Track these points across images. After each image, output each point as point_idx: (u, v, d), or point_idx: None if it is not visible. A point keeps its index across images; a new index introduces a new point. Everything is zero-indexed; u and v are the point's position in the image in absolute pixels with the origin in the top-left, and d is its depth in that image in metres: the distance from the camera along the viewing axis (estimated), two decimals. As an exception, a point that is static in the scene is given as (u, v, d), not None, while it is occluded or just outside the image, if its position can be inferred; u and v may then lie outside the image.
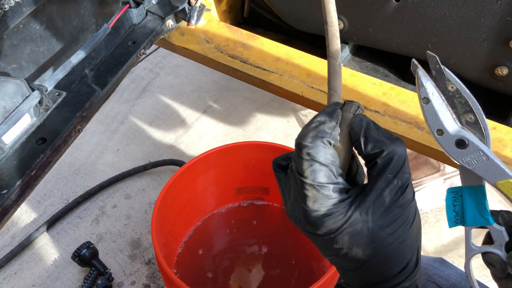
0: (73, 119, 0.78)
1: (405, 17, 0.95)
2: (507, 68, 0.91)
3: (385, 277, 0.43)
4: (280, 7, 1.12)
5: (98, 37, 0.77)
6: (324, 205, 0.41)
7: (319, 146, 0.41)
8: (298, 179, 0.42)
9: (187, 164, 0.98)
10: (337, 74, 0.73)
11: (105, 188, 1.57)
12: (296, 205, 0.43)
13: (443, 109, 0.48)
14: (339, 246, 0.42)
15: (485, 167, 0.47)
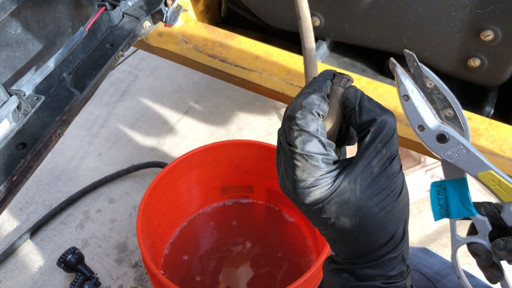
0: (52, 123, 0.78)
1: (379, 12, 0.97)
2: (479, 59, 0.94)
3: (372, 248, 0.44)
4: (257, 6, 1.13)
5: (75, 41, 0.76)
6: (313, 175, 0.41)
7: (309, 117, 0.42)
8: (287, 150, 0.43)
9: (170, 165, 0.98)
10: (313, 63, 0.74)
11: (88, 193, 1.55)
12: (286, 175, 0.43)
13: (422, 105, 0.49)
14: (326, 215, 0.42)
15: (466, 159, 0.48)
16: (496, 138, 0.90)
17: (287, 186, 0.43)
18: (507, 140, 0.89)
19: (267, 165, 1.12)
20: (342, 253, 0.47)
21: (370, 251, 0.44)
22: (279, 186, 0.48)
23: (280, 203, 1.21)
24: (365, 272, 0.44)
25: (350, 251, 0.45)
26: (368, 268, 0.44)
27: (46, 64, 0.73)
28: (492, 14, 0.86)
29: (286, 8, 1.10)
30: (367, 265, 0.44)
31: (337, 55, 1.16)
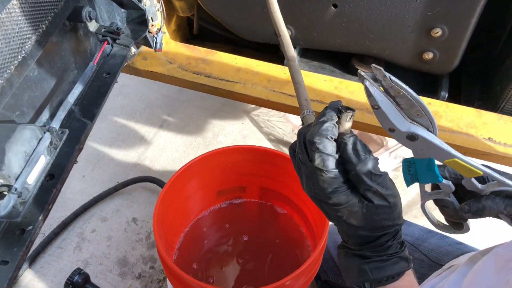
0: (73, 153, 0.85)
1: (343, 20, 1.10)
2: (431, 52, 1.09)
3: (374, 239, 0.58)
4: (231, 23, 1.23)
5: (88, 75, 0.84)
6: (332, 185, 0.55)
7: (325, 141, 0.54)
8: (310, 166, 0.55)
9: (176, 173, 1.06)
10: (297, 72, 0.86)
11: (80, 215, 1.60)
12: (310, 183, 0.56)
13: (392, 111, 0.57)
14: (340, 214, 0.56)
15: (434, 151, 0.58)
16: (453, 118, 1.06)
17: (312, 190, 0.57)
18: (462, 119, 1.05)
19: (258, 166, 1.23)
20: (353, 243, 0.60)
21: (374, 240, 0.58)
22: (302, 189, 0.61)
23: (271, 199, 1.32)
24: (372, 254, 0.58)
25: (359, 241, 0.59)
26: (373, 252, 0.58)
27: (66, 100, 0.80)
28: (438, 14, 1.01)
29: (258, 23, 1.21)
30: (372, 250, 0.58)
31: (307, 60, 1.29)
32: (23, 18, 0.65)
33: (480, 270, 0.69)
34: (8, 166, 0.64)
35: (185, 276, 0.89)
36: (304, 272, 0.98)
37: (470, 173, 0.59)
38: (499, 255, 0.67)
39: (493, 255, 0.69)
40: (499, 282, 0.63)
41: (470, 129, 1.03)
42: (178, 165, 1.79)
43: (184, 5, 1.32)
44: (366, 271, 0.57)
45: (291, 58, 0.82)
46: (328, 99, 1.11)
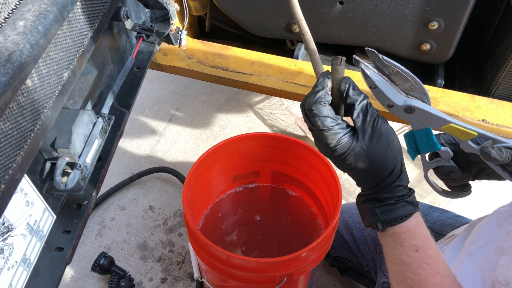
0: (116, 138, 0.95)
1: (348, 15, 1.21)
2: (429, 44, 1.21)
3: (382, 179, 0.67)
4: (244, 20, 1.33)
5: (128, 68, 0.94)
6: (334, 139, 0.64)
7: (320, 107, 0.64)
8: (315, 129, 0.65)
9: (202, 156, 1.16)
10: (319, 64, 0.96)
11: (99, 205, 1.69)
12: (319, 143, 0.66)
13: (389, 88, 0.64)
14: (348, 162, 0.65)
15: (430, 120, 0.65)
16: (450, 103, 1.17)
17: (321, 148, 0.67)
18: (458, 103, 1.17)
19: (271, 151, 1.33)
20: (365, 187, 0.70)
21: (381, 181, 0.67)
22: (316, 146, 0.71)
23: (283, 182, 1.43)
24: (383, 196, 0.68)
25: (369, 184, 0.69)
26: (384, 193, 0.68)
27: (112, 89, 0.90)
28: (435, 9, 1.13)
29: (269, 20, 1.32)
30: (382, 191, 0.68)
31: (314, 53, 1.39)
32: (83, 17, 0.74)
33: (483, 227, 0.80)
34: (73, 145, 0.74)
35: (210, 244, 0.99)
36: (319, 245, 1.08)
37: (466, 135, 0.66)
38: (501, 212, 0.78)
39: (495, 214, 0.80)
40: (501, 234, 0.73)
41: (466, 112, 1.15)
42: (189, 156, 1.88)
43: (198, 5, 1.42)
44: (377, 213, 0.67)
45: (313, 52, 0.93)
46: (336, 88, 1.21)
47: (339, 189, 1.15)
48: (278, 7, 1.27)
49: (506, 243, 0.73)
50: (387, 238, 0.69)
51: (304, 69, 1.26)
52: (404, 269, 0.68)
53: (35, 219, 0.72)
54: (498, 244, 0.76)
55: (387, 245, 0.70)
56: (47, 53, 0.64)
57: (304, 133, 1.99)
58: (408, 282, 0.68)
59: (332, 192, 1.21)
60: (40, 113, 0.63)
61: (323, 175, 1.26)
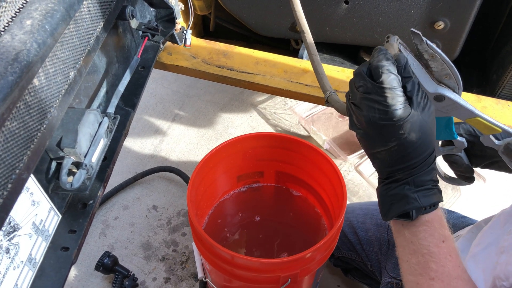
0: (121, 137, 0.95)
1: (354, 15, 1.21)
2: (435, 44, 1.20)
3: (424, 157, 0.63)
4: (248, 20, 1.33)
5: (133, 67, 0.94)
6: (398, 101, 0.61)
7: (390, 64, 0.62)
8: (378, 88, 0.61)
9: (206, 156, 1.15)
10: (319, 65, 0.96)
11: (103, 204, 1.68)
12: (376, 106, 0.61)
13: (422, 74, 0.64)
14: (403, 131, 0.61)
15: (458, 111, 0.65)
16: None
17: (380, 113, 0.61)
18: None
19: (275, 151, 1.33)
20: (404, 166, 0.64)
21: (423, 159, 0.64)
22: (349, 127, 0.69)
23: (287, 182, 1.42)
24: (421, 179, 0.64)
25: (411, 161, 0.63)
26: (423, 175, 0.64)
27: (117, 89, 0.90)
28: (441, 9, 1.12)
29: (273, 20, 1.31)
30: (422, 173, 0.64)
31: (318, 53, 1.39)
32: (89, 16, 0.74)
33: (487, 229, 0.80)
34: (79, 145, 0.73)
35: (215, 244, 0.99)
36: (324, 246, 1.08)
37: (490, 130, 0.65)
38: (505, 213, 0.77)
39: (499, 215, 0.80)
40: (503, 233, 0.73)
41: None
42: (192, 155, 1.88)
43: (203, 4, 1.41)
44: (416, 198, 0.64)
45: (314, 53, 0.93)
46: (342, 87, 1.21)
47: (344, 189, 1.15)
48: (283, 7, 1.26)
49: (506, 242, 0.73)
50: (416, 227, 0.66)
51: (309, 68, 1.25)
52: (429, 260, 0.66)
53: (40, 218, 0.72)
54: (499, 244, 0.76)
55: (415, 235, 0.67)
56: (54, 52, 0.64)
57: (308, 133, 1.98)
58: (430, 274, 0.66)
59: (337, 192, 1.21)
60: (47, 113, 0.63)
61: (327, 175, 1.25)
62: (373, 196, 1.77)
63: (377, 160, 0.68)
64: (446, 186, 1.72)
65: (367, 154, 0.70)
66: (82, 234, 0.78)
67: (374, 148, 0.66)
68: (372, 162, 0.70)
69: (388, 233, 1.24)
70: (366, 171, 1.83)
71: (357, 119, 0.66)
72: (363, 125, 0.65)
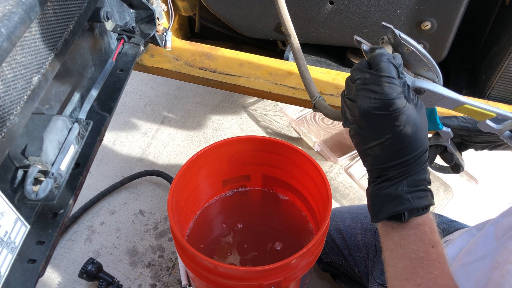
0: (95, 143, 0.92)
1: (339, 16, 1.18)
2: (422, 44, 1.18)
3: (418, 153, 0.60)
4: (233, 21, 1.30)
5: (107, 71, 0.91)
6: (395, 90, 0.58)
7: (386, 53, 0.59)
8: (376, 76, 0.59)
9: (187, 163, 1.13)
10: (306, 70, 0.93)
11: (89, 209, 1.65)
12: (372, 95, 0.59)
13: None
14: (398, 123, 0.58)
15: (442, 101, 0.63)
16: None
17: (376, 102, 0.58)
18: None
19: (261, 155, 1.30)
20: (398, 165, 0.61)
21: (418, 157, 0.61)
22: (343, 125, 0.66)
23: (274, 186, 1.40)
24: (415, 178, 0.61)
25: (405, 157, 0.60)
26: (417, 174, 0.62)
27: (90, 93, 0.87)
28: (428, 9, 1.09)
29: (258, 21, 1.28)
30: (416, 171, 0.61)
31: (305, 54, 1.36)
32: (55, 19, 0.71)
33: (479, 238, 0.76)
34: (45, 153, 0.70)
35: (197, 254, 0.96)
36: (309, 252, 1.05)
37: (483, 116, 0.63)
38: (500, 224, 0.74)
39: (493, 224, 0.76)
40: (498, 248, 0.69)
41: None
42: (181, 159, 1.85)
43: (187, 5, 1.39)
44: (409, 199, 0.61)
45: (300, 57, 0.90)
46: (328, 90, 1.18)
47: (329, 193, 1.12)
48: (267, 7, 1.24)
49: (501, 257, 0.70)
50: (407, 230, 0.63)
51: (294, 70, 1.23)
52: (417, 265, 0.63)
53: (5, 230, 0.69)
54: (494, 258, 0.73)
55: (404, 239, 0.64)
56: (13, 57, 0.61)
57: (298, 135, 1.96)
58: (417, 280, 0.62)
59: (322, 196, 1.18)
60: (6, 120, 0.60)
61: (313, 178, 1.22)
62: (364, 199, 1.74)
63: (368, 157, 0.65)
64: (438, 188, 1.69)
65: (359, 152, 0.67)
66: (51, 245, 0.75)
67: (367, 143, 0.63)
68: (364, 161, 0.67)
69: (376, 238, 1.22)
70: (357, 173, 1.80)
71: (351, 113, 0.63)
72: (357, 118, 0.62)
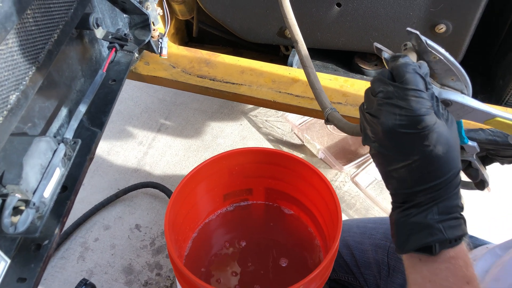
0: (85, 163, 0.83)
1: (347, 19, 1.10)
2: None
3: (450, 176, 0.53)
4: (233, 25, 1.22)
5: (98, 83, 0.82)
6: (424, 105, 0.51)
7: (417, 66, 0.53)
8: (401, 88, 0.52)
9: (185, 178, 1.05)
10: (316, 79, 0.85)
11: (82, 224, 1.57)
12: (397, 111, 0.52)
13: None
14: (428, 142, 0.51)
15: (471, 114, 0.56)
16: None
17: (402, 119, 0.52)
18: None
19: (265, 167, 1.22)
20: (427, 190, 0.55)
21: (450, 180, 0.54)
22: (362, 144, 0.59)
23: (278, 200, 1.32)
24: (447, 204, 0.54)
25: (436, 181, 0.53)
26: (449, 200, 0.54)
27: (78, 109, 0.79)
28: (443, 10, 1.02)
29: (260, 25, 1.20)
30: (447, 197, 0.54)
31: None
32: (36, 28, 0.63)
33: (509, 264, 0.69)
34: (25, 180, 0.62)
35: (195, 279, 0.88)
36: (317, 276, 0.97)
37: None
38: None
39: None
40: None
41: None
42: (178, 169, 1.77)
43: (184, 8, 1.30)
44: (441, 229, 0.54)
45: (309, 65, 0.82)
46: (336, 98, 1.10)
47: (339, 210, 1.05)
48: (269, 10, 1.16)
49: None
50: (438, 264, 0.55)
51: (299, 77, 1.15)
52: None
53: (-19, 268, 0.61)
54: None
55: (435, 274, 0.56)
56: (-16, 74, 0.53)
57: (301, 142, 1.88)
58: None
59: (330, 211, 1.10)
60: (-23, 147, 0.52)
61: (320, 192, 1.15)
62: (371, 209, 1.66)
63: (393, 180, 0.57)
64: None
65: (382, 173, 0.59)
66: (33, 282, 0.67)
67: (391, 164, 0.56)
68: (387, 183, 0.59)
69: (389, 256, 1.14)
70: (363, 182, 1.73)
71: (373, 130, 0.56)
72: (380, 136, 0.55)
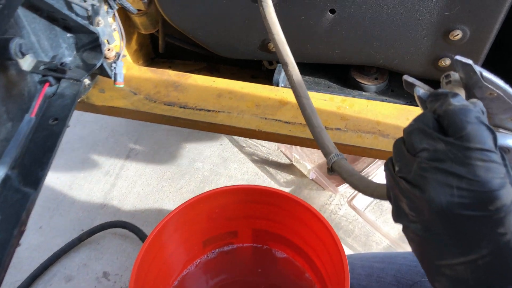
0: (11, 240, 0.62)
1: (343, 27, 0.91)
2: (449, 59, 0.92)
3: None
4: (206, 40, 1.02)
5: (23, 133, 0.61)
6: (498, 174, 0.34)
7: (480, 111, 0.38)
8: (461, 148, 0.35)
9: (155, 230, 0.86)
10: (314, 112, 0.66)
11: (39, 277, 1.34)
12: (454, 186, 0.35)
13: None
14: (504, 230, 0.34)
15: None
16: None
17: (459, 199, 0.34)
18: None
19: (251, 207, 1.03)
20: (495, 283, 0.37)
21: None
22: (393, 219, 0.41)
23: (268, 241, 1.12)
24: None
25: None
26: None
27: (-6, 172, 0.57)
28: (459, 14, 0.84)
29: (238, 39, 1.01)
30: None
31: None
32: None
33: None
34: None
35: None
36: None
37: None
38: None
39: None
40: None
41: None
42: (151, 201, 1.56)
43: (146, 21, 1.10)
44: None
45: (304, 95, 0.63)
46: (332, 122, 0.92)
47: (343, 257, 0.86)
48: (249, 21, 0.96)
49: None
50: None
51: (287, 99, 0.96)
52: None
53: None
54: None
55: None
56: None
57: (289, 161, 1.69)
58: None
59: (331, 254, 0.92)
60: None
61: (319, 235, 0.97)
62: (371, 235, 1.48)
63: (443, 278, 0.38)
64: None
65: (425, 265, 0.40)
66: None
67: (444, 258, 0.38)
68: (432, 281, 0.40)
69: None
70: (361, 205, 1.55)
71: (412, 206, 0.38)
72: (425, 217, 0.37)
